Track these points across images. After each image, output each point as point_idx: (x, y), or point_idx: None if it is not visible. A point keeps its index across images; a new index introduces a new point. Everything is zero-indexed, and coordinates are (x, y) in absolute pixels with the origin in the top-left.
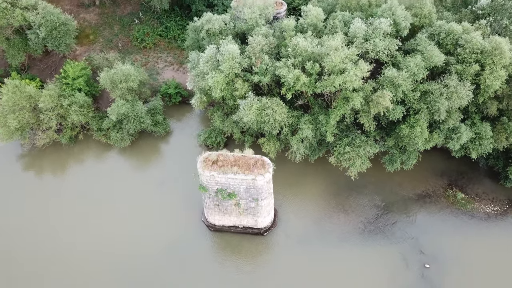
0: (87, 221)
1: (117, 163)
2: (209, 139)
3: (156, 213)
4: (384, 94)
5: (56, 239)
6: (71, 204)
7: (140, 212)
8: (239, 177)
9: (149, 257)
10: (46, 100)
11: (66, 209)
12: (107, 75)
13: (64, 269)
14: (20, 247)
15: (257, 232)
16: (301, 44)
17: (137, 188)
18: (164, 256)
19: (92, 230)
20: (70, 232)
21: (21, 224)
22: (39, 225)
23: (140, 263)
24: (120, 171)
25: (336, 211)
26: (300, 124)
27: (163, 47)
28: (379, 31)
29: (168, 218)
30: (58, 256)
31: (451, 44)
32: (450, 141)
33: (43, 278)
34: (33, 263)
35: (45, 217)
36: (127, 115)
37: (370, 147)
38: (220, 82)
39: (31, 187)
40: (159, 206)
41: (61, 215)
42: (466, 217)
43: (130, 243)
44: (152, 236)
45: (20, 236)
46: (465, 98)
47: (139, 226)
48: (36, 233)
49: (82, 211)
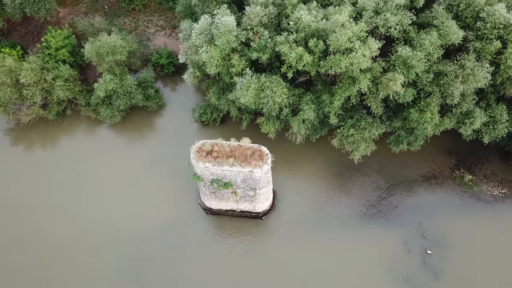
0: (78, 200)
1: (108, 139)
2: (204, 115)
3: (149, 193)
4: (395, 77)
5: (44, 218)
6: (60, 182)
7: (133, 191)
8: (235, 169)
9: (142, 239)
10: (28, 75)
11: (55, 186)
12: (92, 47)
13: (50, 248)
14: (7, 223)
15: (255, 216)
16: (304, 19)
17: (130, 165)
18: (158, 238)
19: (83, 209)
20: (58, 211)
21: (8, 201)
22: (28, 202)
23: (132, 244)
24: (112, 148)
25: (337, 193)
26: (302, 104)
27: (153, 9)
28: (391, 4)
29: (162, 199)
30: (45, 234)
31: (471, 17)
32: (462, 126)
33: (27, 254)
34: (21, 240)
35: (33, 193)
36: (115, 90)
37: (376, 129)
38: (215, 57)
39: (19, 162)
40: (153, 185)
41: (50, 193)
42: (472, 200)
43: (122, 223)
44: (145, 217)
45: (8, 214)
46: (482, 80)
47: (131, 206)
48: (24, 210)
49: (72, 189)
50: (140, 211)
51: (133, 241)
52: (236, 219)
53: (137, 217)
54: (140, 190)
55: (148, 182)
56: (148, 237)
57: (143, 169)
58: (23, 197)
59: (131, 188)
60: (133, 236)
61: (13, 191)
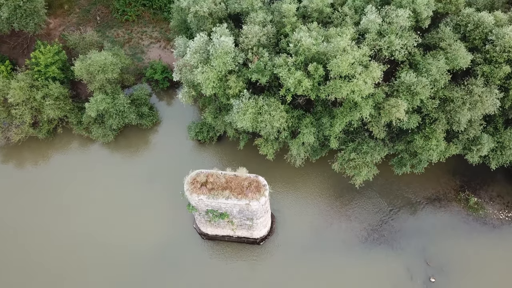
0: (70, 221)
1: (101, 157)
2: (200, 134)
3: (143, 215)
4: (398, 103)
5: (31, 240)
6: (50, 202)
7: (126, 213)
8: (231, 202)
9: (135, 263)
10: (16, 94)
11: (44, 206)
12: (82, 65)
13: (36, 271)
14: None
15: (252, 242)
16: (304, 42)
17: (123, 185)
18: (152, 262)
19: (74, 230)
20: (47, 232)
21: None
22: (16, 222)
23: (124, 268)
24: (105, 167)
25: (337, 216)
26: (301, 128)
27: (147, 19)
28: (395, 26)
29: (156, 221)
30: (30, 256)
31: (479, 39)
32: (469, 153)
33: (16, 273)
34: (6, 261)
35: (21, 214)
36: (107, 110)
37: (378, 153)
38: (211, 79)
39: (8, 180)
40: (147, 206)
41: (41, 212)
42: (477, 224)
43: (114, 246)
44: (138, 240)
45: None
46: (491, 107)
47: (124, 228)
48: (13, 230)
49: (63, 210)
50: (133, 234)
51: (125, 265)
52: (233, 244)
53: (130, 239)
54: (133, 212)
55: (142, 204)
56: (141, 261)
57: (137, 190)
58: (9, 217)
59: (124, 210)
60: (126, 260)
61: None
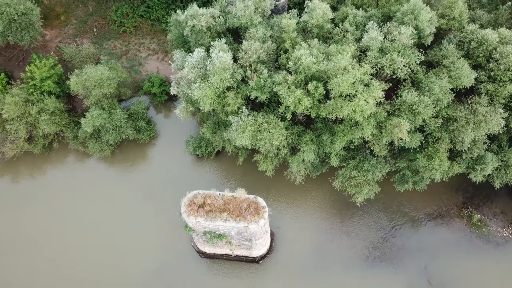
0: (65, 237)
1: (98, 172)
2: (198, 148)
3: (140, 231)
4: (400, 123)
5: (24, 258)
6: (45, 219)
7: (123, 230)
8: (229, 225)
9: (131, 281)
10: (11, 109)
11: (40, 223)
12: (78, 80)
13: (31, 284)
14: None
15: (251, 260)
16: (304, 60)
17: (120, 201)
18: (149, 281)
19: (69, 249)
20: (42, 247)
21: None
22: (10, 237)
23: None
24: (101, 182)
25: (338, 233)
26: (301, 145)
27: (145, 31)
28: (398, 43)
29: (153, 238)
30: (23, 277)
31: (483, 57)
32: (472, 172)
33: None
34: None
35: (14, 231)
36: (104, 126)
37: (380, 171)
38: (208, 95)
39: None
40: (144, 223)
41: (35, 229)
42: (481, 242)
43: (111, 263)
44: (135, 258)
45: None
46: (495, 127)
47: (121, 245)
48: (9, 244)
49: (58, 226)
50: (129, 251)
51: (122, 283)
52: (231, 263)
53: (126, 256)
54: (130, 229)
55: (139, 220)
56: (138, 279)
57: (133, 205)
58: (3, 232)
59: (121, 227)
60: (122, 278)
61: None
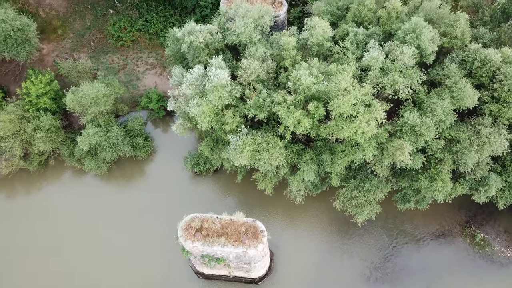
0: (60, 255)
1: (94, 189)
2: (196, 166)
3: (137, 250)
4: (402, 146)
5: (18, 277)
6: (39, 237)
7: (119, 249)
8: (227, 250)
9: None
10: (6, 127)
11: (37, 241)
12: (74, 97)
13: None
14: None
15: (250, 281)
16: (303, 80)
17: (117, 219)
18: None
19: (68, 265)
20: (39, 261)
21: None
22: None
23: None
24: (98, 199)
25: (339, 253)
26: (301, 163)
27: (143, 44)
28: (399, 63)
29: (150, 257)
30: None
31: (486, 76)
32: (476, 193)
33: None
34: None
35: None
36: (100, 143)
37: (381, 191)
38: (206, 113)
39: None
40: (141, 241)
41: (32, 248)
42: (484, 262)
43: (107, 284)
44: (131, 278)
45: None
46: (499, 149)
47: (117, 265)
48: (4, 261)
49: (55, 243)
50: (126, 271)
51: None
52: (230, 284)
53: (122, 276)
54: (127, 247)
55: (136, 238)
56: None
57: (130, 223)
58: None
59: (117, 246)
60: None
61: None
